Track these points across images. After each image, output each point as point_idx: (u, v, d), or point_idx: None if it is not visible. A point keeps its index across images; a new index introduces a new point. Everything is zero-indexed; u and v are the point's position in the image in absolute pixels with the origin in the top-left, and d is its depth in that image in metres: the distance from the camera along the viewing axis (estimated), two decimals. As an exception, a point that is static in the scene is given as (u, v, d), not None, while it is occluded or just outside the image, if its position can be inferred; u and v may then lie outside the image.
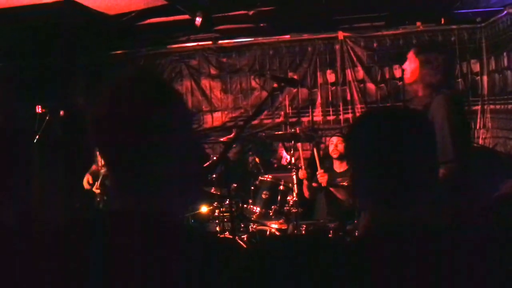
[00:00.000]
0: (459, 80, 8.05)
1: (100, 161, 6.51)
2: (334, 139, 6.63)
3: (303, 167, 6.51)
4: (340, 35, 8.46)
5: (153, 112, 1.43)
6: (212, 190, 6.33)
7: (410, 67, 4.23)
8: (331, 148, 6.63)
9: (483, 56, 8.05)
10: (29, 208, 2.04)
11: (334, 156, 6.58)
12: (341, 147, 6.54)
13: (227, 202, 5.94)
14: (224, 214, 6.13)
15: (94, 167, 6.70)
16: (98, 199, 6.42)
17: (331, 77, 8.54)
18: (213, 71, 8.91)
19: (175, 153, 1.47)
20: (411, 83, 4.26)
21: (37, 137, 6.05)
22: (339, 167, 6.61)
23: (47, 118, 6.10)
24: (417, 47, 4.54)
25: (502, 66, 7.38)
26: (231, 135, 6.56)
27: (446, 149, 3.79)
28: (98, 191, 6.39)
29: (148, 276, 1.34)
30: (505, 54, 7.27)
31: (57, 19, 6.98)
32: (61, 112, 6.30)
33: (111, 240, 1.37)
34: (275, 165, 8.19)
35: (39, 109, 6.10)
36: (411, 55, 4.26)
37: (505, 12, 7.17)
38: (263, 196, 6.05)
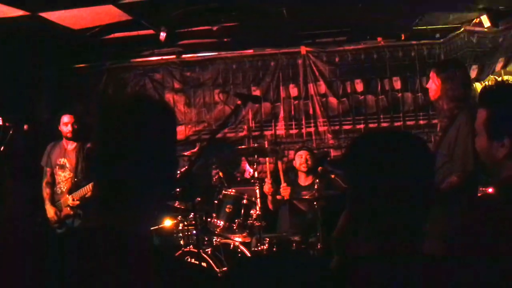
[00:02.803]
0: (419, 94, 8.23)
1: (47, 178, 6.46)
2: (303, 153, 6.69)
3: (269, 181, 6.55)
4: (303, 49, 8.58)
5: (153, 137, 1.50)
6: (176, 204, 6.33)
7: (434, 85, 4.61)
8: (298, 161, 6.68)
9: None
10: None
11: (303, 169, 6.65)
12: (310, 161, 6.63)
13: (191, 216, 6.00)
14: (188, 227, 6.16)
15: (47, 192, 6.52)
16: (73, 212, 6.23)
17: (293, 91, 8.64)
18: (176, 85, 8.91)
19: (159, 179, 1.52)
20: (437, 100, 4.62)
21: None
22: (305, 180, 6.69)
23: (11, 132, 6.04)
24: (436, 66, 4.76)
25: (460, 80, 7.57)
26: (195, 149, 6.58)
27: (467, 159, 4.24)
28: (76, 202, 6.12)
29: None
30: (462, 69, 7.47)
31: (23, 33, 6.96)
32: (25, 126, 6.20)
33: (79, 257, 1.39)
34: (238, 179, 8.25)
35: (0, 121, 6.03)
36: (432, 75, 4.63)
37: (463, 29, 7.42)
38: (227, 210, 6.10)
